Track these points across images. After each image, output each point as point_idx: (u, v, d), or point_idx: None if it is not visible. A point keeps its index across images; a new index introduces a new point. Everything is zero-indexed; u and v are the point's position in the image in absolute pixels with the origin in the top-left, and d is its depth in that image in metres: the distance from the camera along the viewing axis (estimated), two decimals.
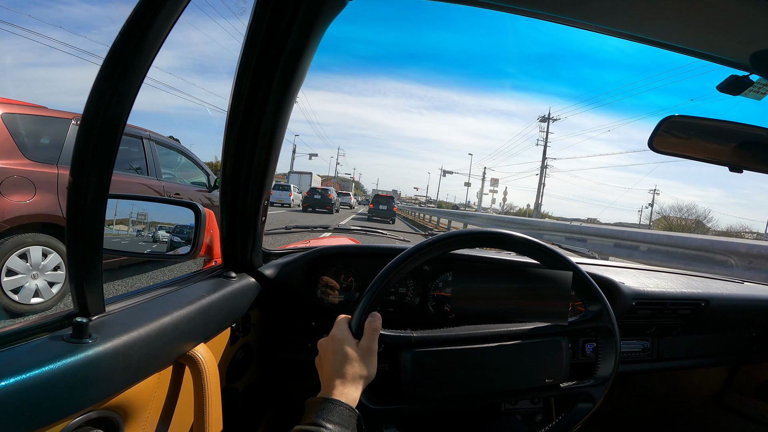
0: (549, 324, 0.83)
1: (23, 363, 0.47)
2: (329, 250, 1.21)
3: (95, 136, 0.52)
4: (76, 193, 0.53)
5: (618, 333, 0.85)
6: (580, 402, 0.84)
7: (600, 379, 0.85)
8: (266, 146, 0.89)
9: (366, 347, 0.72)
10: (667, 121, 0.88)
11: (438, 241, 0.82)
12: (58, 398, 0.50)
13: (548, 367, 0.83)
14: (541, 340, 0.83)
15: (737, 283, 1.47)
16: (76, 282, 0.58)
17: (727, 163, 0.89)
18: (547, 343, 0.83)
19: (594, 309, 0.85)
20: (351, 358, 0.70)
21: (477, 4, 0.68)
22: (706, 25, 0.61)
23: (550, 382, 0.82)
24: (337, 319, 0.77)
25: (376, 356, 0.73)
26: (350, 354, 0.70)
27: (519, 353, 0.81)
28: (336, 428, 0.60)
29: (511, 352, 0.81)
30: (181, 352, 0.74)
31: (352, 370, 0.69)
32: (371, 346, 0.72)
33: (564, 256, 0.84)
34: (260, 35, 0.76)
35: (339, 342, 0.72)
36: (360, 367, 0.70)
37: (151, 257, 1.11)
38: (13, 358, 0.49)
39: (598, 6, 0.62)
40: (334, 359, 0.70)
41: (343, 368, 0.69)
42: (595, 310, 0.85)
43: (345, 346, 0.71)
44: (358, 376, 0.69)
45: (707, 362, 1.42)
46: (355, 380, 0.69)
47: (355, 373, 0.69)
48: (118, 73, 0.51)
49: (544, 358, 0.82)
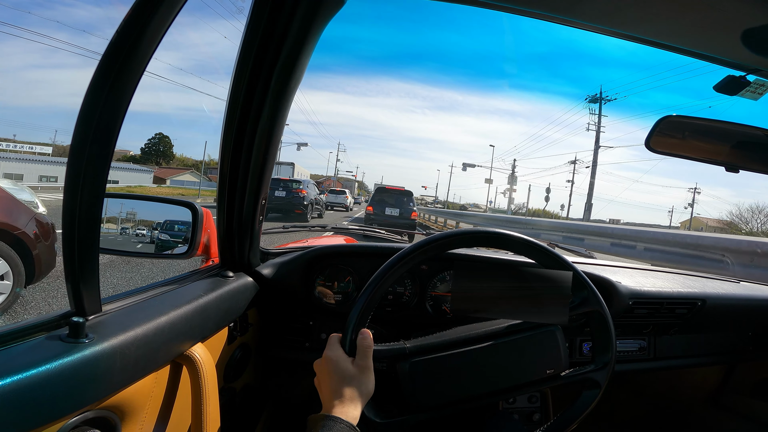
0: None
1: (20, 363, 0.47)
2: (327, 250, 1.21)
3: (92, 134, 0.52)
4: (72, 193, 0.53)
5: (609, 315, 0.85)
6: (585, 389, 0.84)
7: (600, 363, 0.85)
8: (264, 145, 0.88)
9: (362, 366, 0.72)
10: (664, 121, 0.88)
11: (433, 242, 0.82)
12: (55, 398, 0.50)
13: (547, 358, 0.83)
14: (534, 332, 0.82)
15: (734, 283, 1.48)
16: (72, 282, 0.57)
17: (724, 163, 0.90)
18: (542, 334, 0.83)
19: (581, 294, 0.85)
20: (347, 378, 0.70)
21: (478, 4, 0.68)
22: (703, 26, 0.62)
23: (551, 373, 0.82)
24: (329, 339, 0.77)
25: (373, 373, 0.73)
26: (346, 374, 0.70)
27: (515, 349, 0.82)
28: None
29: (507, 349, 0.81)
30: (179, 351, 0.74)
31: (350, 390, 0.69)
32: (366, 364, 0.72)
33: (558, 255, 0.84)
34: (258, 34, 0.75)
35: (333, 363, 0.72)
36: (358, 385, 0.70)
37: (147, 256, 1.10)
38: (9, 357, 0.48)
39: (595, 7, 0.62)
40: (330, 380, 0.70)
41: (341, 388, 0.69)
42: (582, 295, 0.85)
43: (340, 367, 0.71)
44: (357, 394, 0.69)
45: (704, 361, 1.43)
46: (353, 399, 0.69)
47: (353, 392, 0.69)
48: (115, 72, 0.51)
49: (541, 350, 0.82)
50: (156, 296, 0.77)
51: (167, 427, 0.75)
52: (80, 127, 0.51)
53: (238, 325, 1.00)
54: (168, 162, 60.79)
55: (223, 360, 0.94)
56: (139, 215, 1.02)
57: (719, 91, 0.80)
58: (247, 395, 1.12)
